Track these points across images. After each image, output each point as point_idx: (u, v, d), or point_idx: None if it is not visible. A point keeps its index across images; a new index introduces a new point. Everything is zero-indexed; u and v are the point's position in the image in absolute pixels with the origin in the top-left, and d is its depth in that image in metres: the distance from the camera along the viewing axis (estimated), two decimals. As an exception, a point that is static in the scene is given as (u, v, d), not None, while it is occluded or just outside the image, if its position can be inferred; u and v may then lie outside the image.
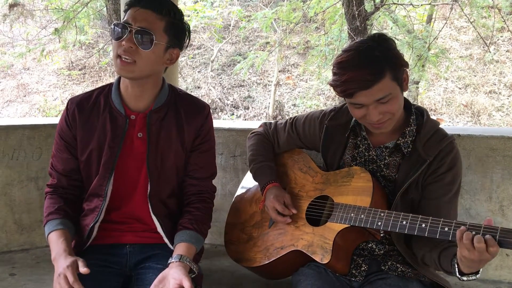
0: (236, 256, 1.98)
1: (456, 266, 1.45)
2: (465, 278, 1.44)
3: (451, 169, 1.64)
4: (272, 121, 2.11)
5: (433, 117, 2.06)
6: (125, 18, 1.66)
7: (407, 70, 1.63)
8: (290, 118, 2.04)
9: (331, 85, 1.62)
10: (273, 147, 2.06)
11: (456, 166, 1.65)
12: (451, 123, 9.32)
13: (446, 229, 1.42)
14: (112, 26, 1.65)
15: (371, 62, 1.53)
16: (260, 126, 2.12)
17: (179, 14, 1.71)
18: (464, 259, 1.38)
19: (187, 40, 1.76)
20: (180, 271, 1.53)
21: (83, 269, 1.47)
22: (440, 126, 1.73)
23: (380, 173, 1.73)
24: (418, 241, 1.64)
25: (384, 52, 1.56)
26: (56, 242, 1.61)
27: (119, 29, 1.63)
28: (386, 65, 1.53)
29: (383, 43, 1.59)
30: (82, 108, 1.76)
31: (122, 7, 1.92)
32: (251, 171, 2.04)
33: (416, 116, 1.72)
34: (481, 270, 1.42)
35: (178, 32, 1.71)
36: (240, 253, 1.96)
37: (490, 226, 1.35)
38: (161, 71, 1.76)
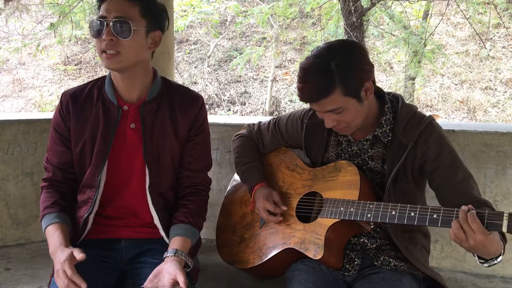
0: (229, 258, 1.98)
1: (475, 255, 1.47)
2: (486, 265, 1.46)
3: (442, 150, 1.63)
4: (255, 122, 2.11)
5: (430, 112, 2.05)
6: (99, 14, 1.65)
7: (371, 81, 1.60)
8: (273, 118, 2.05)
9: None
10: (258, 148, 2.07)
11: (446, 145, 1.64)
12: (447, 119, 9.35)
13: (435, 216, 1.44)
14: (89, 25, 1.66)
15: (323, 76, 1.54)
16: (243, 128, 2.12)
17: None
18: (469, 250, 1.41)
19: (167, 21, 1.76)
20: (175, 265, 1.53)
21: (79, 256, 1.48)
22: (418, 110, 1.71)
23: (366, 166, 1.74)
24: None
25: (341, 66, 1.54)
26: (52, 236, 1.62)
27: (96, 26, 1.63)
28: (337, 81, 1.53)
29: (345, 53, 1.57)
30: (75, 100, 1.76)
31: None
32: (238, 173, 2.04)
33: (392, 103, 1.72)
34: (502, 252, 1.43)
35: (155, 14, 1.70)
36: (233, 255, 1.95)
37: (477, 210, 1.37)
38: (148, 58, 1.75)
